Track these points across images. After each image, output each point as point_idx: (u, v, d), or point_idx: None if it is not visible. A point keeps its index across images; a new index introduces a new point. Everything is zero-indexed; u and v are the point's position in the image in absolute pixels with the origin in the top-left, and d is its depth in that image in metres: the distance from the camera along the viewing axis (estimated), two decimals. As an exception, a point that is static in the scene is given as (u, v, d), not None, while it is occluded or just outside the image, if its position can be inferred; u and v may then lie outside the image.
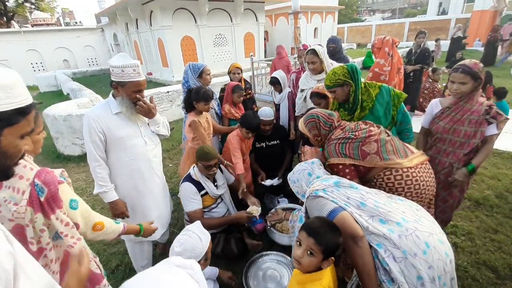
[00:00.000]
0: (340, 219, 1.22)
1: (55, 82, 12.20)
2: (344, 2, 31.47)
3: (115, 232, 1.36)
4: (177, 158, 4.35)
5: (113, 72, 1.61)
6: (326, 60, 2.59)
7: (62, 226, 1.07)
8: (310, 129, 1.77)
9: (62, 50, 16.50)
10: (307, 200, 1.44)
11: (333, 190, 1.35)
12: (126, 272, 2.26)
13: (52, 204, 1.05)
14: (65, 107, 5.04)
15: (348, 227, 1.19)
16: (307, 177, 1.58)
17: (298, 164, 1.65)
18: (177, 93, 6.23)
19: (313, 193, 1.38)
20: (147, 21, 10.77)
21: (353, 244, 1.19)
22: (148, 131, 1.89)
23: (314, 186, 1.42)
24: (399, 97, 1.94)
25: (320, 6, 16.25)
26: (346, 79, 1.87)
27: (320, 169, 1.61)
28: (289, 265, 2.08)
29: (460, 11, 19.49)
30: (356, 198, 1.31)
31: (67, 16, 36.05)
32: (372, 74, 4.13)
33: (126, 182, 1.83)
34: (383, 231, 1.19)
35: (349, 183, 1.41)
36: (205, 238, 1.44)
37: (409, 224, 1.21)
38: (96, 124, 1.65)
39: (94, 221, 1.23)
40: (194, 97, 2.50)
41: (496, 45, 10.23)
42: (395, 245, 1.16)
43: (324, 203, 1.31)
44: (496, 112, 1.80)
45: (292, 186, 1.66)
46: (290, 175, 1.67)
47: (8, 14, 19.81)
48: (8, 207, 0.96)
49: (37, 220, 1.02)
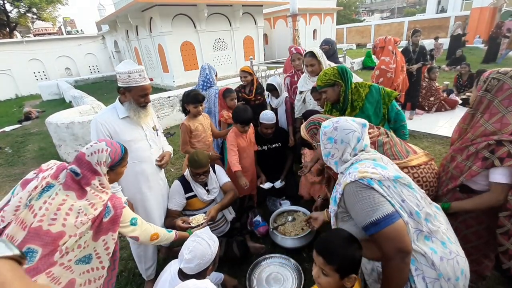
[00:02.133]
0: (395, 229, 0.98)
1: (58, 90, 12.33)
2: (343, 3, 31.61)
3: (169, 239, 1.64)
4: (179, 163, 4.36)
5: (119, 78, 1.67)
6: (324, 62, 2.61)
7: (103, 248, 1.21)
8: (312, 136, 1.78)
9: (64, 58, 16.70)
10: (349, 184, 1.09)
11: (390, 186, 1.06)
12: (130, 278, 2.26)
13: (111, 225, 1.22)
14: (67, 115, 5.09)
15: (400, 240, 0.98)
16: (354, 142, 1.19)
17: (344, 119, 1.23)
18: (177, 98, 6.26)
19: (365, 180, 1.05)
20: (147, 28, 10.87)
21: (397, 259, 0.99)
22: (153, 135, 1.95)
23: (366, 170, 1.07)
24: (389, 96, 1.99)
25: (318, 8, 16.31)
26: (336, 79, 1.93)
27: (368, 137, 1.26)
28: (293, 267, 2.07)
29: (459, 8, 19.46)
30: (411, 203, 1.07)
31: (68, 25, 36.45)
32: (379, 72, 4.21)
33: (131, 184, 1.87)
34: (425, 249, 1.04)
35: (408, 181, 1.11)
36: (214, 244, 1.43)
37: (453, 247, 1.09)
38: (103, 127, 1.71)
39: (151, 233, 1.46)
40: (185, 99, 2.51)
41: (498, 41, 10.19)
42: (433, 266, 1.03)
43: (379, 202, 1.02)
44: (507, 153, 1.22)
45: (327, 143, 1.24)
46: (327, 130, 1.24)
47: (11, 25, 20.10)
48: (78, 215, 1.12)
49: (85, 236, 1.15)
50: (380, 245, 1.01)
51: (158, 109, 6.00)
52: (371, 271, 1.20)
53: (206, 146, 2.68)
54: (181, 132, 2.56)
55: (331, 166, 1.25)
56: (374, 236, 1.01)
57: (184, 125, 2.51)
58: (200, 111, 2.54)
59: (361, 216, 1.04)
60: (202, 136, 2.62)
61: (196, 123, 2.56)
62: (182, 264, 1.35)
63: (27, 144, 6.30)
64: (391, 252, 0.98)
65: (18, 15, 20.45)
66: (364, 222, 1.02)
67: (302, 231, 2.33)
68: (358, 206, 1.04)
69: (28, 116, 8.84)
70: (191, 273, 1.34)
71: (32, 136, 6.85)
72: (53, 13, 22.66)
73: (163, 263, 2.15)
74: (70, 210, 1.10)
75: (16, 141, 6.57)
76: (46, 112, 9.38)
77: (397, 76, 4.13)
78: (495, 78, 1.25)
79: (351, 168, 1.13)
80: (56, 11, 22.73)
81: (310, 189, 2.83)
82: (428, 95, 5.32)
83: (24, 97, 14.98)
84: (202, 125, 2.62)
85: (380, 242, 1.01)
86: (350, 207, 1.10)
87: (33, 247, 1.05)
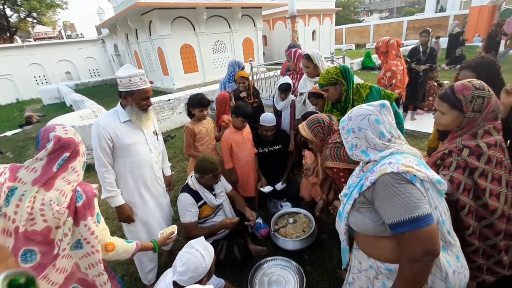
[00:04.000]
0: (431, 230, 0.93)
1: (58, 94, 12.37)
2: (342, 3, 31.67)
3: (128, 251, 1.42)
4: (180, 166, 4.37)
5: (120, 83, 1.69)
6: (321, 65, 2.64)
7: (88, 233, 1.19)
8: (316, 134, 1.77)
9: (64, 62, 16.76)
10: (389, 174, 0.98)
11: (429, 188, 1.00)
12: (132, 282, 2.26)
13: (87, 210, 1.19)
14: (68, 119, 5.11)
15: (432, 242, 0.93)
16: (375, 125, 1.09)
17: (358, 107, 1.17)
18: (178, 101, 6.28)
19: (408, 175, 0.96)
20: (146, 31, 10.91)
21: (424, 261, 0.94)
22: (153, 139, 1.96)
23: (411, 165, 0.98)
24: (389, 97, 2.01)
25: (317, 9, 16.34)
26: (338, 78, 1.94)
27: (391, 116, 1.14)
28: (295, 270, 2.06)
29: (458, 7, 19.49)
30: (440, 211, 1.02)
31: (68, 29, 36.68)
32: (390, 73, 4.21)
33: (130, 188, 1.88)
34: (442, 261, 1.00)
35: (444, 187, 1.05)
36: (209, 255, 1.39)
37: (464, 261, 1.07)
38: (105, 131, 1.71)
39: (106, 241, 1.32)
40: (190, 103, 2.52)
41: (498, 39, 10.17)
42: (445, 279, 0.99)
43: (421, 199, 0.95)
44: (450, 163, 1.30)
45: (347, 136, 1.17)
46: (343, 124, 1.19)
47: (11, 30, 20.20)
48: (51, 207, 1.10)
49: (67, 223, 1.14)
50: (407, 246, 0.95)
51: (158, 112, 6.02)
52: (368, 267, 1.16)
53: (210, 149, 2.69)
54: (185, 135, 2.57)
55: (359, 157, 1.15)
56: (405, 235, 0.94)
57: (188, 128, 2.52)
58: (205, 115, 2.57)
59: (398, 210, 0.95)
60: (205, 140, 2.63)
61: (200, 126, 2.58)
62: (175, 277, 1.31)
63: (28, 148, 6.32)
64: (419, 254, 0.93)
65: (18, 20, 20.54)
66: (400, 217, 0.94)
67: (304, 233, 2.33)
68: (398, 199, 0.95)
69: (29, 121, 8.86)
70: (185, 285, 1.29)
71: (33, 141, 6.85)
72: (53, 18, 22.75)
73: (164, 267, 2.15)
74: (42, 205, 1.10)
75: (17, 146, 6.59)
76: (47, 116, 9.41)
77: (405, 77, 4.15)
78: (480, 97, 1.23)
79: (391, 158, 1.03)
80: (56, 15, 22.82)
81: (311, 190, 2.82)
82: (427, 94, 5.31)
83: (25, 101, 15.05)
84: (206, 129, 2.64)
85: (409, 242, 0.95)
86: (383, 198, 1.00)
87: (29, 248, 1.08)
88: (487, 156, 1.24)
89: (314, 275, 2.11)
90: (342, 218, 1.19)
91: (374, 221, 1.06)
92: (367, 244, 1.16)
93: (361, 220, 1.09)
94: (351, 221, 1.15)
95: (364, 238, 1.16)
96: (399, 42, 4.17)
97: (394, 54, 4.16)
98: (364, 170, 1.15)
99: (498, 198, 1.26)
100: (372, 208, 1.06)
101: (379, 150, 1.09)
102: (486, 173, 1.25)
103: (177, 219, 2.98)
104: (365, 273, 1.18)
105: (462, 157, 1.28)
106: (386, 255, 1.08)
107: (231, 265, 2.18)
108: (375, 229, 1.07)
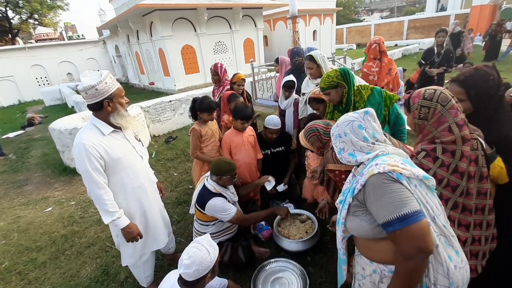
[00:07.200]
0: (422, 227, 0.95)
1: (60, 96, 12.41)
2: (342, 3, 31.64)
3: None
4: (181, 167, 4.37)
5: (96, 92, 1.53)
6: (324, 66, 2.63)
7: None
8: (313, 143, 1.81)
9: (65, 63, 16.82)
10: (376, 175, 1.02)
11: (417, 185, 1.03)
12: (135, 284, 2.26)
13: None
14: (70, 121, 5.12)
15: (424, 239, 0.95)
16: (358, 131, 1.16)
17: (345, 115, 1.25)
18: (179, 102, 6.29)
19: (394, 174, 0.99)
20: (147, 32, 10.93)
21: (418, 259, 0.96)
22: (139, 146, 1.89)
23: (396, 164, 1.02)
24: (391, 99, 2.03)
25: (318, 9, 16.33)
26: (339, 81, 1.97)
27: (375, 122, 1.20)
28: (298, 271, 2.07)
29: (459, 6, 19.43)
30: (432, 207, 1.05)
31: (69, 30, 36.80)
32: (362, 74, 4.28)
33: (131, 201, 1.78)
34: (444, 256, 1.02)
35: (433, 183, 1.08)
36: (214, 251, 1.45)
37: (463, 255, 1.09)
38: (93, 150, 1.55)
39: None
40: (198, 107, 2.53)
41: (498, 38, 10.14)
42: (447, 275, 1.01)
43: (408, 197, 0.97)
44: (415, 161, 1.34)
45: (335, 141, 1.25)
46: (333, 131, 1.26)
47: (13, 31, 20.30)
48: None
49: None
50: (400, 244, 0.97)
51: (160, 113, 6.03)
52: (372, 272, 1.16)
53: (214, 151, 2.70)
54: (191, 137, 2.57)
55: (347, 160, 1.19)
56: (396, 233, 0.96)
57: (195, 130, 2.53)
58: (213, 118, 2.60)
59: (387, 209, 0.97)
60: (211, 141, 2.65)
61: (206, 128, 2.60)
62: (181, 270, 1.38)
63: (31, 150, 6.34)
64: (412, 251, 0.94)
65: (20, 22, 20.64)
66: (389, 217, 0.96)
67: (306, 234, 2.33)
68: (386, 199, 0.98)
69: (31, 122, 8.89)
70: (190, 279, 1.36)
71: (36, 142, 6.88)
72: (54, 19, 22.85)
73: (168, 270, 2.15)
74: None
75: (19, 147, 6.61)
76: (49, 117, 9.44)
77: (381, 79, 4.09)
78: (425, 106, 1.27)
79: (377, 159, 1.07)
80: (57, 16, 22.92)
81: (314, 191, 2.82)
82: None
83: (27, 103, 15.12)
84: (212, 130, 2.65)
85: (401, 240, 0.96)
86: (372, 199, 1.03)
87: None
88: (441, 160, 1.26)
89: (317, 277, 2.12)
90: (339, 225, 1.20)
91: (370, 223, 1.07)
92: (367, 248, 1.17)
93: (358, 224, 1.11)
94: (349, 226, 1.16)
95: (363, 242, 1.17)
96: (383, 48, 4.02)
97: (372, 58, 4.09)
98: (355, 174, 1.18)
99: (447, 203, 1.28)
100: (367, 210, 1.07)
101: (365, 152, 1.14)
102: (440, 177, 1.26)
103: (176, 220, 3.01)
104: (370, 278, 1.18)
105: (418, 159, 1.32)
106: (387, 257, 1.08)
107: (235, 267, 2.19)
108: (373, 231, 1.08)
